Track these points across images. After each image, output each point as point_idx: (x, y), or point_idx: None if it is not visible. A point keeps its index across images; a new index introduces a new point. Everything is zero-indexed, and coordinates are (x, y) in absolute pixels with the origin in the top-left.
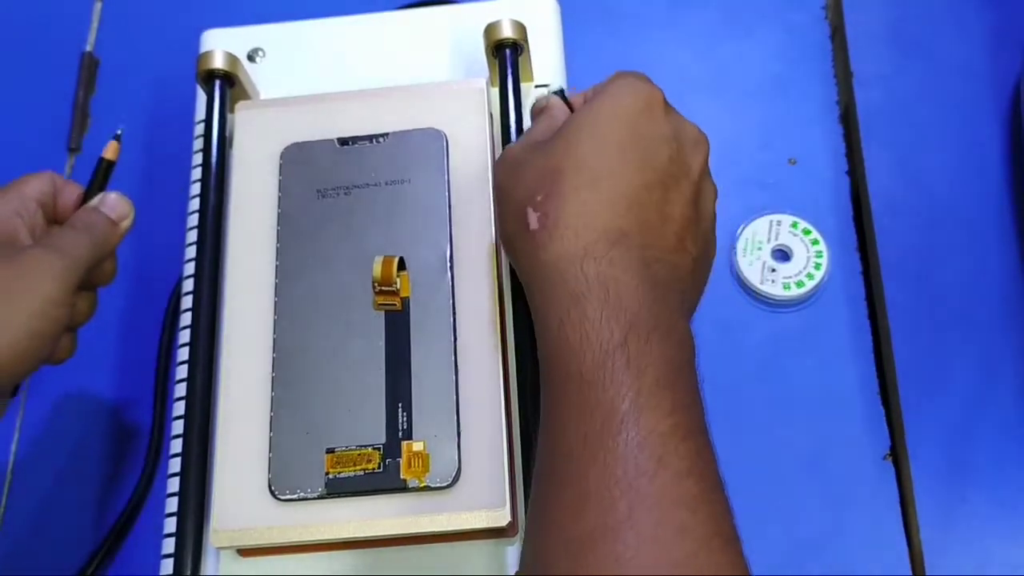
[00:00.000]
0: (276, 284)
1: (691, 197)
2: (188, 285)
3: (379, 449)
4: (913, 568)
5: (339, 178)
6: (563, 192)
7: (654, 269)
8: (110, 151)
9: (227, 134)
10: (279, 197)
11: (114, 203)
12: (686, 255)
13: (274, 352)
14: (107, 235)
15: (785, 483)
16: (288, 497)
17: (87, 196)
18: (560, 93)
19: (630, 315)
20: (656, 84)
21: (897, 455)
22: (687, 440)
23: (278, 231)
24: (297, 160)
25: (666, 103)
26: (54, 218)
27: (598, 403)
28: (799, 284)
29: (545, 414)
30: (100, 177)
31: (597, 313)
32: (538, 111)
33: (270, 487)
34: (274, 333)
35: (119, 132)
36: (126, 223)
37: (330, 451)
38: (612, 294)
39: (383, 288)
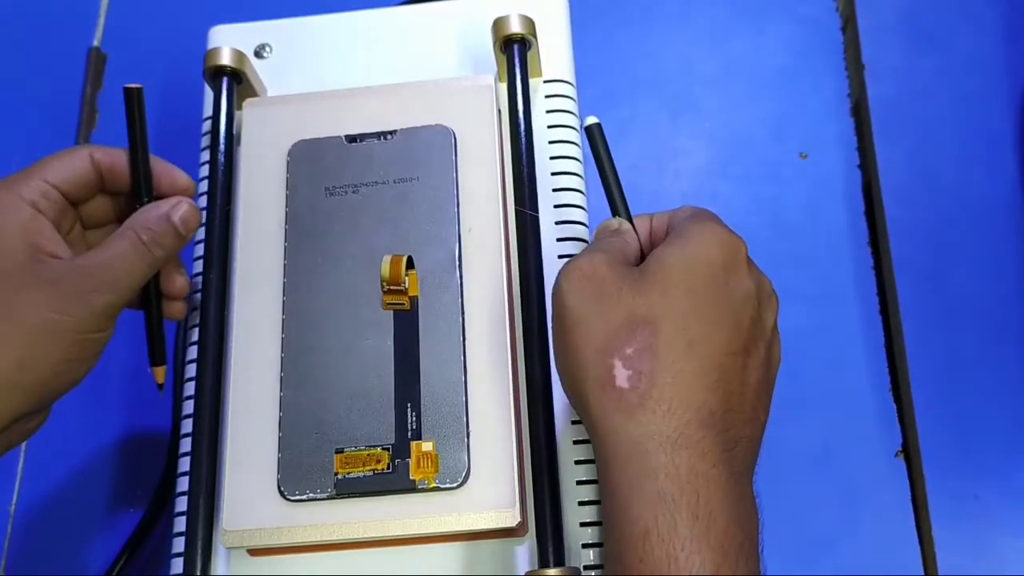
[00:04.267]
0: (284, 283)
1: (765, 358)
2: (196, 283)
3: (388, 449)
4: (925, 567)
5: (347, 176)
6: (659, 353)
7: (735, 453)
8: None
9: (235, 131)
10: (287, 195)
11: (188, 216)
12: (758, 424)
13: (283, 352)
14: (171, 249)
15: (796, 481)
16: (297, 497)
17: (135, 170)
18: (598, 127)
19: (719, 533)
20: (736, 232)
21: (909, 452)
22: None
23: (286, 229)
24: (305, 157)
25: (747, 254)
26: (103, 189)
27: None
28: None
29: None
30: (141, 141)
31: (687, 530)
32: (608, 232)
33: (279, 487)
34: (283, 332)
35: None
36: (192, 234)
37: (339, 451)
38: (703, 501)
39: (391, 287)
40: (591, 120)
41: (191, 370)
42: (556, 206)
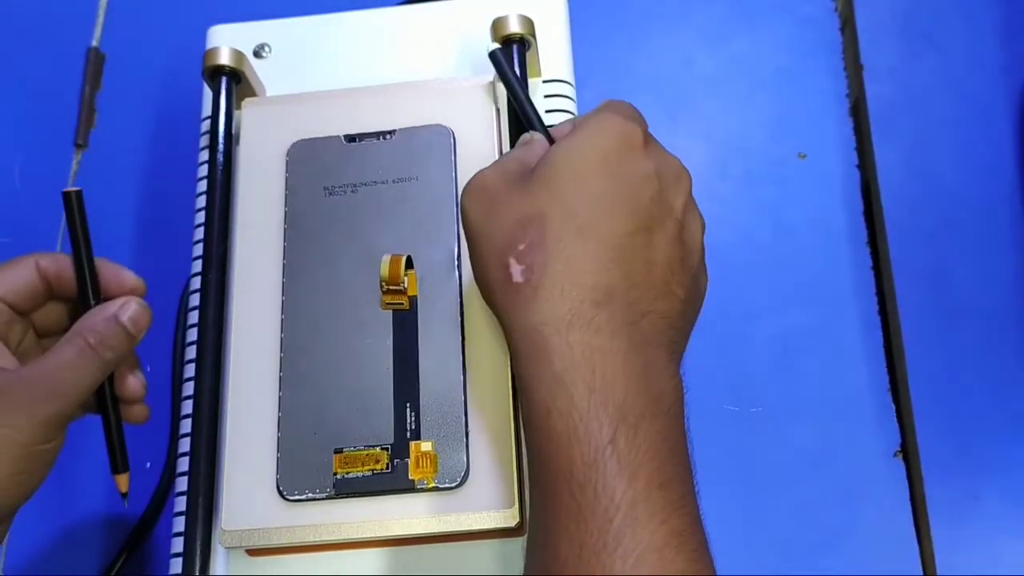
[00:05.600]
0: (283, 283)
1: (676, 235)
2: (195, 283)
3: (387, 449)
4: (924, 567)
5: (346, 175)
6: (548, 243)
7: (641, 326)
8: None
9: (234, 131)
10: (286, 195)
11: (137, 316)
12: (674, 299)
13: (281, 351)
14: (121, 352)
15: (794, 481)
16: (296, 497)
17: (80, 273)
18: (502, 51)
19: (618, 401)
20: (640, 115)
21: (908, 452)
22: (682, 549)
23: (285, 229)
24: (304, 157)
25: (647, 137)
26: (52, 296)
27: (592, 512)
28: None
29: (539, 506)
30: (87, 258)
31: (584, 402)
32: (521, 144)
33: (278, 487)
34: (281, 332)
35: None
36: (142, 334)
37: (338, 451)
38: (599, 374)
39: (390, 287)
40: (494, 46)
41: (190, 370)
42: None
